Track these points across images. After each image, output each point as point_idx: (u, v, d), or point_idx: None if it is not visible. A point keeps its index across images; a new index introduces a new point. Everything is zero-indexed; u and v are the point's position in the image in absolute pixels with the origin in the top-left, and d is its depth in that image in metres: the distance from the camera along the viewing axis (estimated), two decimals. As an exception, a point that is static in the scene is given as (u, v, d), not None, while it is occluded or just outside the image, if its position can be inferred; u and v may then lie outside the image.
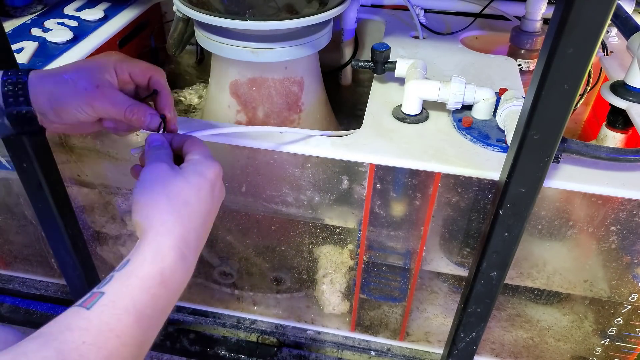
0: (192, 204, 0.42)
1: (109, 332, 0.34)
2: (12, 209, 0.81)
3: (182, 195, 0.42)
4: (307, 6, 0.74)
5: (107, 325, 0.34)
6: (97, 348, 0.33)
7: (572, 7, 0.37)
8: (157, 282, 0.38)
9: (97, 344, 0.33)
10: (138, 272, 0.37)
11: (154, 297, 0.37)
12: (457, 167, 0.58)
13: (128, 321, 0.35)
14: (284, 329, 0.85)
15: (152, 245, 0.39)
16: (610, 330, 0.71)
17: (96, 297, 0.35)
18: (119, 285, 0.36)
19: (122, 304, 0.35)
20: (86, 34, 0.83)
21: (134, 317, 0.35)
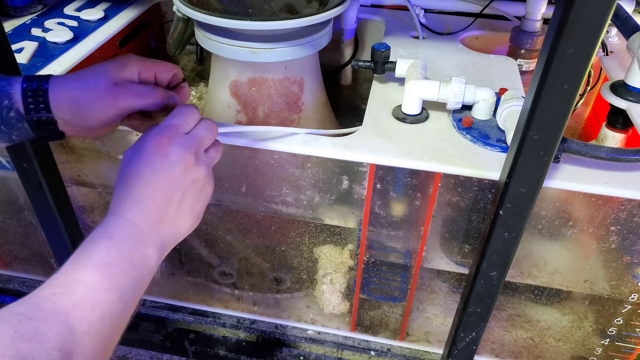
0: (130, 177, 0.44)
1: (74, 282, 0.38)
2: (12, 209, 0.81)
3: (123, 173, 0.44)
4: (307, 6, 0.74)
5: (71, 277, 0.38)
6: (67, 295, 0.36)
7: (572, 7, 0.37)
8: (102, 237, 0.41)
9: (66, 292, 0.37)
10: (90, 236, 0.41)
11: (107, 248, 0.40)
12: (457, 167, 0.58)
13: (88, 270, 0.38)
14: (284, 329, 0.85)
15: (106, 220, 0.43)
16: (610, 330, 0.71)
17: (62, 265, 0.39)
18: (77, 250, 0.40)
19: (79, 260, 0.39)
20: (86, 34, 0.83)
21: (92, 266, 0.39)
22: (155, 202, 0.43)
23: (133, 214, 0.42)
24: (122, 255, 0.40)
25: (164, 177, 0.44)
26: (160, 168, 0.44)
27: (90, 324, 0.36)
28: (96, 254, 0.39)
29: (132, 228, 0.42)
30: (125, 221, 0.42)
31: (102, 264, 0.39)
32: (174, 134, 0.45)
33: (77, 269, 0.39)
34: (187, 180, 0.45)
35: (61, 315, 0.35)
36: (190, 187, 0.45)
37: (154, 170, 0.44)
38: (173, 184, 0.44)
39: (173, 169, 0.44)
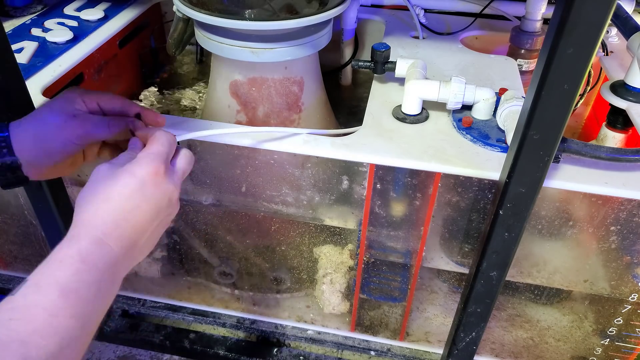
0: (114, 200, 0.43)
1: (35, 307, 0.35)
2: (12, 209, 0.81)
3: (106, 192, 0.43)
4: (307, 6, 0.74)
5: (32, 301, 0.36)
6: (25, 322, 0.34)
7: (572, 7, 0.37)
8: (76, 259, 0.39)
9: (25, 319, 0.34)
10: (56, 255, 0.39)
11: (77, 272, 0.38)
12: (457, 167, 0.58)
13: (53, 295, 0.36)
14: (284, 329, 0.85)
15: (70, 233, 0.41)
16: (610, 330, 0.71)
17: (20, 285, 0.37)
18: (39, 269, 0.38)
19: (44, 282, 0.37)
20: (86, 34, 0.83)
21: (58, 290, 0.36)
22: (134, 229, 0.43)
23: (110, 236, 0.41)
24: (92, 282, 0.39)
25: (151, 205, 0.44)
26: (151, 197, 0.44)
27: (48, 352, 0.34)
28: (64, 278, 0.37)
29: (107, 253, 0.41)
30: (101, 244, 0.40)
31: (70, 290, 0.37)
32: (166, 165, 0.46)
33: (40, 291, 0.36)
34: (167, 212, 0.46)
35: (16, 344, 0.33)
36: (166, 218, 0.47)
37: (145, 198, 0.44)
38: (155, 214, 0.45)
39: (161, 201, 0.45)
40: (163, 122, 0.55)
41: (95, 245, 0.40)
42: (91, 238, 0.40)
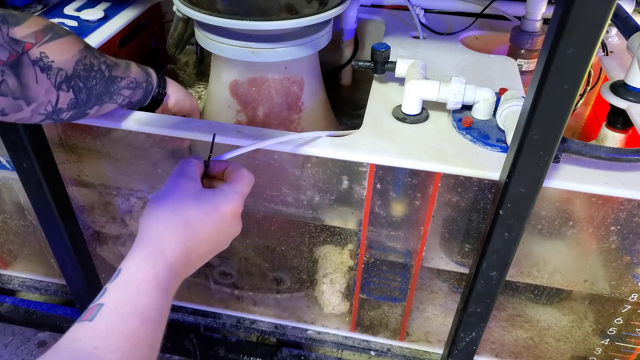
0: (193, 226, 0.44)
1: (118, 335, 0.35)
2: (12, 209, 0.81)
3: (187, 215, 0.44)
4: (307, 6, 0.74)
5: (114, 329, 0.35)
6: (110, 350, 0.34)
7: (572, 7, 0.37)
8: (153, 286, 0.39)
9: (109, 347, 0.34)
10: (134, 279, 0.39)
11: (153, 300, 0.38)
12: (457, 167, 0.58)
13: (134, 324, 0.36)
14: (284, 329, 0.85)
15: (144, 253, 0.41)
16: (610, 330, 0.71)
17: (95, 309, 0.36)
18: (117, 293, 0.38)
19: (125, 309, 0.37)
20: (86, 34, 0.83)
21: (140, 320, 0.37)
22: (198, 258, 0.45)
23: (179, 263, 0.42)
24: (164, 309, 0.40)
25: (219, 241, 0.47)
26: (222, 233, 0.46)
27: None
28: (143, 306, 0.38)
29: (174, 278, 0.42)
30: (172, 269, 0.41)
31: (149, 319, 0.37)
32: (242, 205, 0.48)
33: (121, 318, 0.36)
34: (223, 249, 0.49)
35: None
36: (222, 249, 0.49)
37: (217, 233, 0.46)
38: (217, 248, 0.47)
39: (228, 239, 0.48)
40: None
41: (168, 271, 0.41)
42: (165, 264, 0.41)
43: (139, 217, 0.45)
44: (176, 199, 0.44)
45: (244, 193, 0.48)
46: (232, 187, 0.48)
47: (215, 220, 0.45)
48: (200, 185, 0.47)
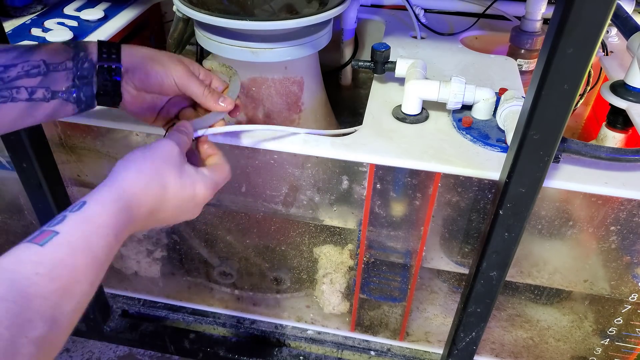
0: (167, 193, 0.45)
1: (63, 267, 0.35)
2: (12, 208, 0.81)
3: (165, 179, 0.44)
4: (307, 6, 0.74)
5: (60, 261, 0.35)
6: (50, 278, 0.34)
7: (572, 7, 0.37)
8: (111, 231, 0.39)
9: (50, 275, 0.34)
10: (96, 219, 0.39)
11: (107, 245, 0.39)
12: (457, 167, 0.58)
13: (83, 260, 0.37)
14: (284, 329, 0.85)
15: (114, 198, 0.41)
16: (610, 330, 0.71)
17: (49, 234, 0.36)
18: (75, 227, 0.38)
19: (78, 245, 0.37)
20: (86, 34, 0.83)
21: (89, 258, 0.37)
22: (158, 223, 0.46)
23: (141, 220, 0.43)
24: (113, 255, 0.40)
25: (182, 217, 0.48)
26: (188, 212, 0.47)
27: (62, 312, 0.35)
28: (98, 249, 0.38)
29: (130, 230, 0.42)
30: (133, 223, 0.42)
31: (98, 261, 0.38)
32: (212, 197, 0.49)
33: (71, 252, 0.36)
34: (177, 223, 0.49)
35: (38, 300, 0.33)
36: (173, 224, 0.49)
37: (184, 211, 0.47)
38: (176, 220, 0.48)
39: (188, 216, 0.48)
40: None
41: (128, 221, 0.41)
42: (129, 215, 0.41)
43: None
44: (163, 160, 0.45)
45: (219, 186, 0.50)
46: (212, 175, 0.49)
47: (186, 196, 0.46)
48: (185, 158, 0.48)
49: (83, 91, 0.49)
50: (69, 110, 0.50)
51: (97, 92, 0.50)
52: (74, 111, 0.50)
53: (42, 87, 0.47)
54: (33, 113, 0.48)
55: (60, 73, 0.48)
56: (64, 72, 0.48)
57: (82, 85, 0.49)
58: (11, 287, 0.32)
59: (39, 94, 0.47)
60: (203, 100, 0.54)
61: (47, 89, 0.47)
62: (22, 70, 0.47)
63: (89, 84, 0.49)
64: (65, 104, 0.49)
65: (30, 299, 0.33)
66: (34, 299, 0.33)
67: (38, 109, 0.48)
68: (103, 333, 0.90)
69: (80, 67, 0.48)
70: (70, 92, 0.48)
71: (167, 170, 0.45)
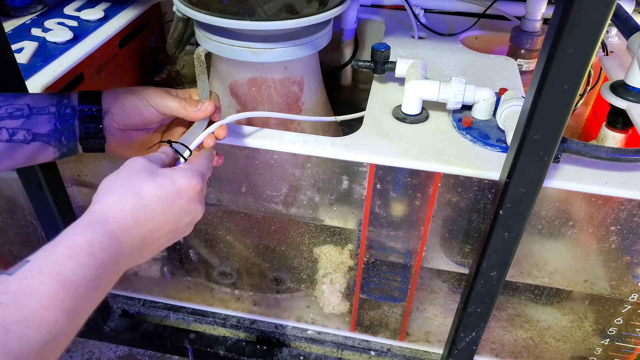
0: (144, 197, 0.42)
1: (29, 294, 0.33)
2: (12, 209, 0.81)
3: (137, 186, 0.42)
4: (307, 6, 0.74)
5: (27, 287, 0.33)
6: (14, 308, 0.32)
7: (572, 7, 0.37)
8: (85, 251, 0.37)
9: (15, 304, 0.32)
10: (66, 242, 0.37)
11: (82, 266, 0.36)
12: (457, 167, 0.58)
13: (52, 285, 0.34)
14: (284, 329, 0.85)
15: (86, 219, 0.39)
16: (610, 330, 0.71)
17: (20, 264, 0.35)
18: (45, 253, 0.36)
19: (47, 269, 0.35)
20: (86, 34, 0.83)
21: (59, 282, 0.34)
22: (151, 233, 0.43)
23: (126, 233, 0.40)
24: (94, 278, 0.37)
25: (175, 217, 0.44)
26: (179, 209, 0.44)
27: (30, 345, 0.31)
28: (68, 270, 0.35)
29: (116, 250, 0.39)
30: (113, 239, 0.39)
31: (70, 284, 0.35)
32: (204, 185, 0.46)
33: (38, 278, 0.34)
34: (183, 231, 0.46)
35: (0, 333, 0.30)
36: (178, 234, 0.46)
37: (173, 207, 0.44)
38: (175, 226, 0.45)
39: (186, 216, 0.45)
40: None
41: (108, 240, 0.39)
42: (106, 231, 0.39)
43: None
44: (130, 172, 0.43)
45: (202, 171, 0.47)
46: (191, 165, 0.47)
47: (170, 194, 0.43)
48: (157, 165, 0.45)
49: (64, 135, 0.50)
50: (49, 154, 0.50)
51: (80, 136, 0.51)
52: (55, 155, 0.51)
53: (24, 129, 0.48)
54: (12, 155, 0.48)
55: (43, 116, 0.49)
56: (46, 115, 0.49)
57: (63, 129, 0.50)
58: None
59: (20, 135, 0.48)
60: (183, 113, 0.53)
61: (28, 130, 0.48)
62: (5, 112, 0.47)
63: (70, 128, 0.50)
64: (46, 147, 0.50)
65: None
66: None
67: (17, 151, 0.49)
68: (103, 333, 0.90)
69: (62, 111, 0.50)
70: (51, 136, 0.50)
71: (136, 178, 0.43)
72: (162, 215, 0.43)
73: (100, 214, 0.40)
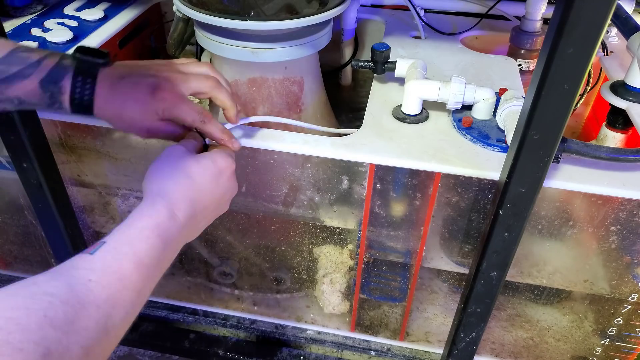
0: (194, 178, 0.46)
1: (112, 274, 0.36)
2: (12, 209, 0.81)
3: (187, 169, 0.46)
4: (307, 6, 0.74)
5: (109, 267, 0.37)
6: (102, 286, 0.35)
7: (572, 7, 0.37)
8: (154, 233, 0.41)
9: (102, 283, 0.35)
10: (137, 223, 0.41)
11: (152, 247, 0.40)
12: (457, 167, 0.58)
13: (129, 266, 0.38)
14: (284, 329, 0.85)
15: (149, 202, 0.43)
16: (610, 330, 0.71)
17: (98, 245, 0.38)
18: (119, 235, 0.40)
19: (123, 249, 0.38)
20: (86, 34, 0.83)
21: (134, 263, 0.38)
22: (202, 210, 0.47)
23: (184, 213, 0.44)
24: (161, 258, 0.41)
25: (220, 194, 0.49)
26: (222, 186, 0.49)
27: (113, 323, 0.35)
28: (141, 251, 0.39)
29: (177, 229, 0.43)
30: (175, 219, 0.43)
31: (143, 265, 0.39)
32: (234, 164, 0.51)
33: (117, 257, 0.37)
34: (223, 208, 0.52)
35: (92, 308, 0.34)
36: (220, 210, 0.52)
37: (218, 185, 0.48)
38: (218, 202, 0.50)
39: (226, 193, 0.51)
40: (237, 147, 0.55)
41: (171, 221, 0.43)
42: (168, 212, 0.43)
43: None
44: (177, 157, 0.47)
45: (232, 155, 0.52)
46: (222, 149, 0.52)
47: (214, 173, 0.48)
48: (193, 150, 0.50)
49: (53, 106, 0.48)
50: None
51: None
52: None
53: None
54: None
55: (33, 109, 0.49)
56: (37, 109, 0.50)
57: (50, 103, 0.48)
58: (71, 292, 0.33)
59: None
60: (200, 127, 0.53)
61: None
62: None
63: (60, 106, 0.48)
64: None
65: (86, 307, 0.33)
66: (90, 307, 0.33)
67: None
68: (103, 333, 0.89)
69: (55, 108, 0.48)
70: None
71: (182, 162, 0.47)
72: (210, 193, 0.48)
73: (162, 198, 0.44)
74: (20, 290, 0.32)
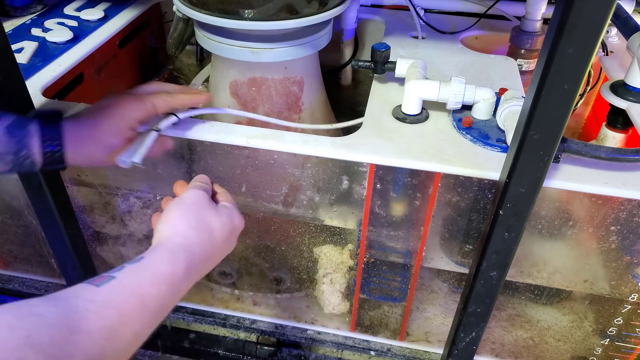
0: (214, 235, 0.48)
1: (112, 308, 0.36)
2: (12, 209, 0.81)
3: (210, 224, 0.48)
4: (307, 6, 0.74)
5: (112, 301, 0.36)
6: (98, 316, 0.35)
7: (572, 7, 0.37)
8: (167, 282, 0.41)
9: (99, 313, 0.35)
10: (152, 268, 0.41)
11: (159, 294, 0.40)
12: (457, 167, 0.58)
13: (133, 306, 0.37)
14: (284, 329, 0.85)
15: (170, 250, 0.44)
16: (610, 330, 0.71)
17: (106, 279, 0.38)
18: (132, 274, 0.39)
19: (131, 290, 0.38)
20: (86, 34, 0.83)
21: (139, 304, 0.38)
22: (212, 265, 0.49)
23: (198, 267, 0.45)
24: (166, 305, 0.41)
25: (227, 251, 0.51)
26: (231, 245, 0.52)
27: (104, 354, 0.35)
28: (149, 295, 0.39)
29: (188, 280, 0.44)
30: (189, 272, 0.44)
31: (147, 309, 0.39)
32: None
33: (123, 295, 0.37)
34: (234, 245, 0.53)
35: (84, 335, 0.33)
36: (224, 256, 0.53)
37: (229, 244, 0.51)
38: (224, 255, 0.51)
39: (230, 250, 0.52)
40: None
41: (186, 273, 0.44)
42: (186, 268, 0.44)
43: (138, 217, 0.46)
44: (202, 208, 0.49)
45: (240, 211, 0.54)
46: (232, 203, 0.53)
47: (228, 232, 0.50)
48: (209, 197, 0.51)
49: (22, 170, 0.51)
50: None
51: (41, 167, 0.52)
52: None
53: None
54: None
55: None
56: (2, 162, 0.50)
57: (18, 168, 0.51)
58: (62, 317, 0.33)
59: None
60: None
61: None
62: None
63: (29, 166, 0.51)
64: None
65: (75, 333, 0.33)
66: (79, 334, 0.33)
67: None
68: (103, 333, 0.89)
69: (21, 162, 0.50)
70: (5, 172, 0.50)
71: (208, 216, 0.48)
72: (220, 249, 0.50)
73: (185, 249, 0.45)
74: (11, 309, 0.32)
